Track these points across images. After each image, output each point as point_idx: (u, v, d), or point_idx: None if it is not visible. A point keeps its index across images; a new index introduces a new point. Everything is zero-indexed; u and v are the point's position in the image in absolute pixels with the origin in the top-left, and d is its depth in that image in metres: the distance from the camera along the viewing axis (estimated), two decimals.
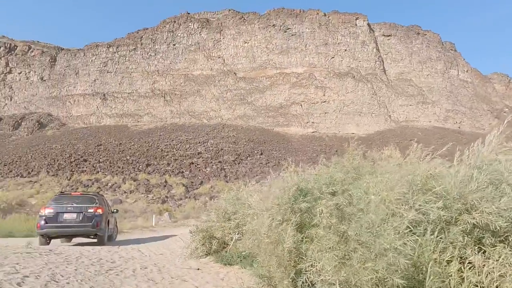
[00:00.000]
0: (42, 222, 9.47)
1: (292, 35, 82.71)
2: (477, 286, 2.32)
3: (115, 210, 12.60)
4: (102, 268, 5.30)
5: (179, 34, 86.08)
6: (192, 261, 6.18)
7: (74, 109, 79.74)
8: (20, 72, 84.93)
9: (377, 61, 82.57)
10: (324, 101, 75.27)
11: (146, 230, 19.82)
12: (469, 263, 2.44)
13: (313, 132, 71.45)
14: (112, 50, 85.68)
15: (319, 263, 2.82)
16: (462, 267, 2.44)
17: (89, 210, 9.81)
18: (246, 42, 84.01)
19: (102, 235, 10.14)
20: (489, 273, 2.30)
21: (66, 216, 9.71)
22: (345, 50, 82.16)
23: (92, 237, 10.51)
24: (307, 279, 2.88)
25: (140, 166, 46.71)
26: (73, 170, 45.57)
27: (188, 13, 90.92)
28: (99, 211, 9.95)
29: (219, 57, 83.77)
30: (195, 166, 47.68)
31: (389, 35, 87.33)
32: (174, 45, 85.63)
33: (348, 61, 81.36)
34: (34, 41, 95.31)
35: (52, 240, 10.34)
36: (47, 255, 6.27)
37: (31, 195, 30.04)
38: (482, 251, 2.50)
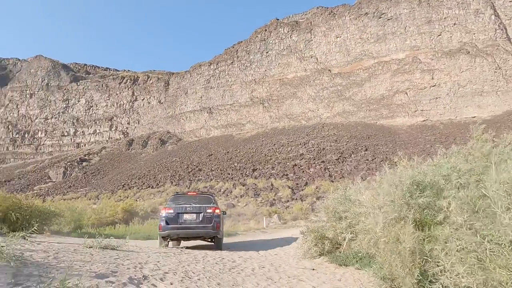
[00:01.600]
0: (163, 223, 8.91)
1: (388, 19, 76.73)
2: None
3: (224, 212, 11.77)
4: (225, 267, 5.78)
5: (270, 41, 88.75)
6: (306, 262, 6.24)
7: (186, 125, 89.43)
8: (143, 99, 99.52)
9: (498, 29, 70.09)
10: (434, 85, 67.37)
11: (258, 231, 20.74)
12: None
13: (423, 121, 64.60)
14: (213, 67, 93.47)
15: (448, 265, 2.53)
16: None
17: (208, 211, 9.07)
18: (338, 37, 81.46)
19: (221, 237, 9.51)
20: None
21: (186, 216, 9.02)
22: (454, 24, 72.19)
23: (209, 240, 9.88)
24: (441, 285, 2.60)
25: (247, 172, 49.38)
26: (191, 179, 50.97)
27: (277, 19, 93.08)
28: (217, 211, 9.21)
29: (311, 57, 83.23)
30: (299, 167, 48.08)
31: None
32: (267, 52, 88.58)
33: (459, 36, 71.24)
34: (151, 70, 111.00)
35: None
36: (179, 255, 7.15)
37: (160, 203, 34.70)
38: None
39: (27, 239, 6.80)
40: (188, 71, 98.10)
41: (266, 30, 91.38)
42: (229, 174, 50.11)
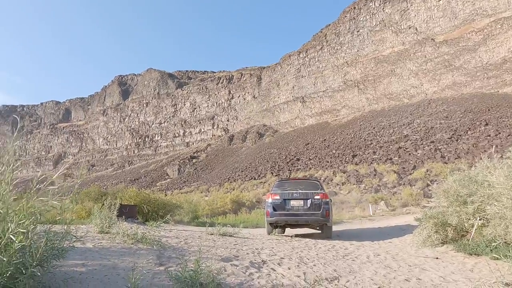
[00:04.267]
0: (271, 209, 8.64)
1: None
2: None
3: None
4: (338, 254, 5.77)
5: (361, 19, 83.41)
6: (426, 250, 5.79)
7: (281, 116, 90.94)
8: (239, 96, 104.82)
9: None
10: None
11: (364, 219, 19.99)
12: None
13: None
14: (302, 56, 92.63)
15: None
16: None
17: (316, 197, 8.50)
18: None
19: (330, 226, 8.97)
20: None
21: (293, 203, 8.58)
22: None
23: (316, 228, 9.46)
24: None
25: (347, 158, 47.78)
26: (290, 169, 51.84)
27: None
28: (326, 198, 8.62)
29: (409, 28, 75.33)
30: (404, 150, 44.37)
31: None
32: (358, 31, 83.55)
33: None
34: (243, 67, 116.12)
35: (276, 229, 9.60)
36: (291, 242, 7.41)
37: (264, 193, 36.27)
38: None
39: (160, 227, 7.94)
40: (278, 63, 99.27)
41: (355, 7, 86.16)
42: (328, 162, 49.31)
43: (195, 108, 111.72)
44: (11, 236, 2.53)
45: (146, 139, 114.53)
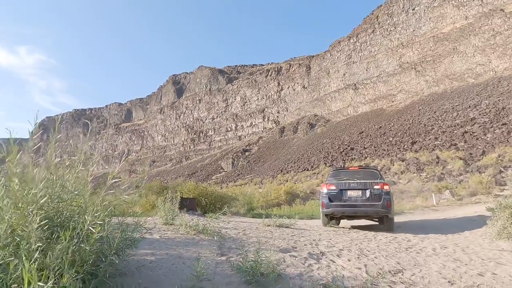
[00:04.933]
0: (326, 200, 8.33)
1: None
2: None
3: None
4: (401, 246, 5.53)
5: None
6: (501, 242, 5.32)
7: (333, 105, 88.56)
8: (288, 87, 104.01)
9: None
10: None
11: (427, 209, 18.85)
12: None
13: None
14: (353, 41, 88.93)
15: None
16: None
17: (375, 187, 8.05)
18: None
19: (392, 217, 8.35)
20: None
21: (350, 193, 8.20)
22: None
23: (375, 220, 9.10)
24: None
25: (405, 146, 45.20)
26: (344, 159, 50.45)
27: None
28: (386, 187, 8.10)
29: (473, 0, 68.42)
30: (470, 135, 40.72)
31: None
32: (413, 9, 77.87)
33: None
34: (292, 58, 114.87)
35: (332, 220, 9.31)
36: (349, 233, 7.26)
37: (318, 184, 35.83)
38: None
39: (219, 219, 8.24)
40: (328, 50, 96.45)
41: None
42: (384, 150, 47.11)
43: (246, 102, 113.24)
44: (90, 227, 2.81)
45: (201, 135, 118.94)
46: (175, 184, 19.65)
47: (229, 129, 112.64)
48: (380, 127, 60.77)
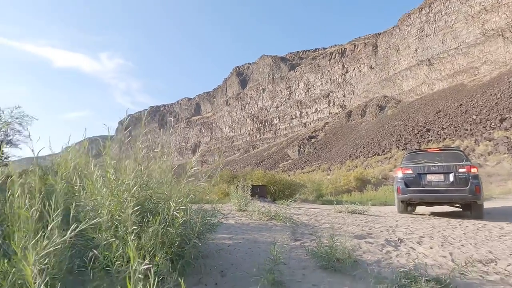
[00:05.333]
0: (402, 185, 7.65)
1: None
2: None
3: None
4: (492, 234, 5.02)
5: None
6: None
7: (404, 84, 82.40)
8: (354, 69, 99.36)
9: None
10: None
11: None
12: None
13: None
14: (425, 12, 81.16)
15: None
16: None
17: (460, 170, 7.26)
18: None
19: (481, 204, 7.48)
20: None
21: (430, 178, 7.47)
22: None
23: (458, 205, 8.24)
24: None
25: (492, 123, 40.31)
26: (419, 141, 46.89)
27: None
28: (474, 170, 7.28)
29: None
30: None
31: None
32: None
33: None
34: (356, 38, 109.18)
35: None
36: (429, 220, 6.79)
37: (390, 169, 33.93)
38: None
39: (289, 206, 8.34)
40: (396, 25, 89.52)
41: None
42: (466, 130, 42.63)
43: (309, 88, 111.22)
44: (175, 212, 3.07)
45: (266, 124, 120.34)
46: (244, 173, 20.30)
47: (293, 117, 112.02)
48: (461, 104, 54.99)
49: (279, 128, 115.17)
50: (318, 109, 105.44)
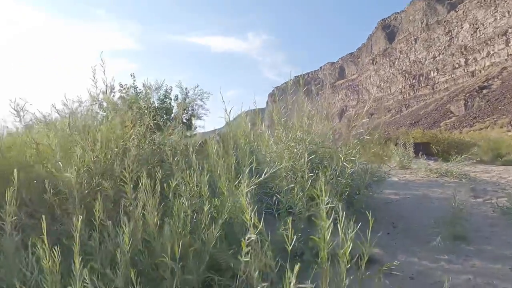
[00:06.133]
0: None
1: None
2: None
3: None
4: None
5: None
6: None
7: None
8: None
9: None
10: None
11: None
12: None
13: None
14: None
15: None
16: None
17: None
18: None
19: None
20: None
21: None
22: None
23: None
24: None
25: None
26: None
27: None
28: None
29: None
30: None
31: None
32: None
33: None
34: None
35: None
36: None
37: None
38: None
39: (462, 163, 7.43)
40: None
41: None
42: None
43: (478, 28, 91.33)
44: (344, 163, 3.25)
45: (421, 78, 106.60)
46: (397, 134, 18.92)
47: (456, 66, 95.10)
48: None
49: (438, 82, 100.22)
50: (491, 52, 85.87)
